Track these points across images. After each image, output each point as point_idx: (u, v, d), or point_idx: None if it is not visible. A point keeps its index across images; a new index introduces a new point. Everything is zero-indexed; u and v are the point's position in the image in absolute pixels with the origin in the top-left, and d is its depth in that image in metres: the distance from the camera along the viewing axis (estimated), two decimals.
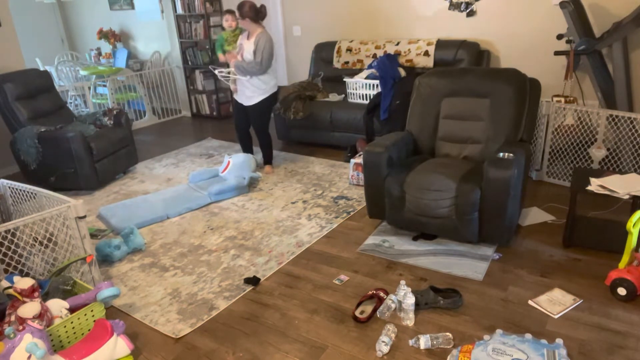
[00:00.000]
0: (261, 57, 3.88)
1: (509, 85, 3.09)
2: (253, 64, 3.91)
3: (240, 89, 4.14)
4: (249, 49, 3.94)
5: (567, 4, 3.67)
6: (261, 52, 3.87)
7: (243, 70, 3.97)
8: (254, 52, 3.90)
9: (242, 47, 4.02)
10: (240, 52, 4.03)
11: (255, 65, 3.92)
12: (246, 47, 3.97)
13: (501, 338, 2.10)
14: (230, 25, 4.12)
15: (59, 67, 6.82)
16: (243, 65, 3.95)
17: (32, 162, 4.17)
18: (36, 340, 1.92)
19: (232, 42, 4.13)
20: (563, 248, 2.88)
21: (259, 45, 3.88)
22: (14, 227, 2.38)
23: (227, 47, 4.15)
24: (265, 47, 3.87)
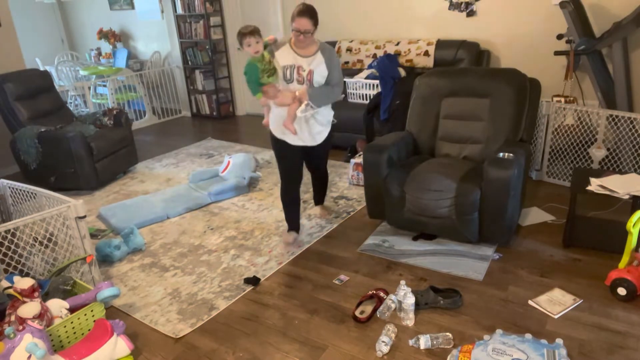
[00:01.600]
0: (340, 74, 2.87)
1: (509, 85, 3.09)
2: (336, 88, 2.86)
3: (302, 128, 2.88)
4: (319, 69, 2.78)
5: (567, 4, 3.67)
6: (337, 67, 2.85)
7: (325, 100, 2.85)
8: (330, 70, 2.81)
9: (298, 69, 2.78)
10: (293, 77, 2.78)
11: (339, 89, 2.88)
12: (312, 66, 2.77)
13: (501, 338, 2.10)
14: (257, 50, 2.71)
15: (59, 67, 6.82)
16: (324, 93, 2.82)
17: (32, 162, 4.17)
18: (36, 340, 1.92)
19: (270, 70, 2.76)
20: (563, 248, 2.88)
21: (332, 59, 2.83)
22: (14, 227, 2.38)
23: (268, 79, 2.77)
24: (338, 60, 2.89)
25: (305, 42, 2.71)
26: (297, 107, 2.77)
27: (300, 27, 2.65)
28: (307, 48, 2.77)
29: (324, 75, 2.79)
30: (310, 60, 2.77)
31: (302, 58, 2.77)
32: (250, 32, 2.65)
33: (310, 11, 2.69)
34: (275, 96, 2.78)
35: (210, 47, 6.37)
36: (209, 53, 6.42)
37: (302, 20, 2.65)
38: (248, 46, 2.67)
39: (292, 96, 2.75)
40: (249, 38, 2.66)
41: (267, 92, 2.78)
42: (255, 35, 2.66)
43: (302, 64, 2.76)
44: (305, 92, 2.75)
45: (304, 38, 2.67)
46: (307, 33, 2.66)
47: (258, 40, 2.68)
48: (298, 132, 2.86)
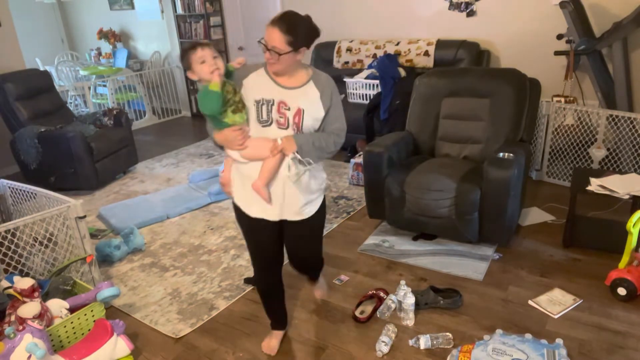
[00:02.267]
0: (343, 118, 1.97)
1: (509, 85, 3.09)
2: (335, 138, 1.94)
3: (283, 194, 1.94)
4: (312, 107, 1.88)
5: (567, 4, 3.67)
6: (339, 107, 1.96)
7: (320, 153, 1.92)
8: (327, 109, 1.92)
9: (279, 107, 1.86)
10: (272, 117, 1.87)
11: (339, 139, 1.96)
12: (302, 103, 1.87)
13: (501, 338, 2.10)
14: (217, 69, 1.81)
15: (59, 67, 6.82)
16: (319, 143, 1.90)
17: (32, 162, 4.17)
18: (36, 340, 1.92)
19: (237, 104, 1.85)
20: (563, 248, 2.88)
21: (332, 94, 1.94)
22: (14, 227, 2.38)
23: (234, 116, 1.84)
24: (339, 97, 2.00)
25: (278, 66, 1.80)
26: (276, 164, 1.84)
27: (268, 40, 1.78)
28: (293, 76, 1.88)
29: (319, 117, 1.88)
30: (298, 94, 1.86)
31: (286, 90, 1.85)
32: (203, 44, 1.83)
33: (287, 21, 1.77)
34: (242, 144, 1.83)
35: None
36: None
37: (271, 32, 1.77)
38: (201, 63, 1.77)
39: (271, 146, 1.81)
40: (202, 51, 1.78)
41: (228, 139, 1.82)
42: (210, 48, 1.82)
43: (285, 99, 1.84)
44: (292, 141, 1.82)
45: (270, 57, 1.78)
46: (275, 53, 1.76)
47: (215, 54, 1.80)
48: (275, 200, 1.91)
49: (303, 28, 1.79)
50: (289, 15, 1.80)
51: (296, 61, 1.85)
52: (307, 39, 1.81)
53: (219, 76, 1.78)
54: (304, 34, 1.79)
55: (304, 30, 1.79)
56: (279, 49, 1.76)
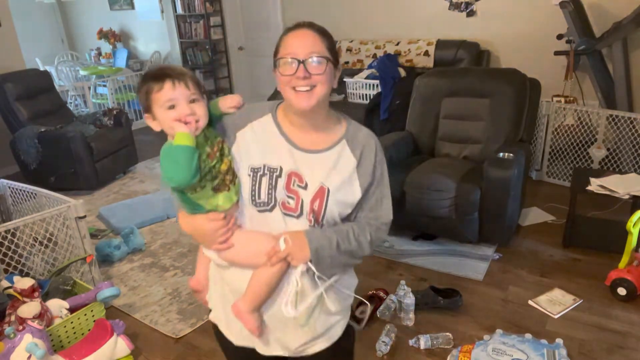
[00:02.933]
0: (389, 200, 1.28)
1: (509, 85, 3.08)
2: (370, 229, 1.25)
3: (287, 325, 1.23)
4: (345, 187, 1.20)
5: (567, 4, 3.66)
6: (384, 182, 1.27)
7: (347, 260, 1.25)
8: (366, 188, 1.22)
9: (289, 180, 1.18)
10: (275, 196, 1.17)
11: (378, 233, 1.28)
12: (326, 178, 1.18)
13: (501, 338, 2.10)
14: (193, 120, 1.11)
15: (59, 67, 6.82)
16: (346, 246, 1.20)
17: (32, 162, 4.17)
18: (36, 340, 1.92)
19: (220, 171, 1.14)
20: (563, 248, 2.88)
21: (378, 165, 1.25)
22: (14, 227, 2.38)
23: (214, 195, 1.14)
24: (385, 168, 1.27)
25: (314, 98, 1.14)
26: (275, 278, 1.17)
27: (300, 48, 1.13)
28: (320, 129, 1.22)
29: (351, 201, 1.22)
30: (322, 163, 1.20)
31: (304, 154, 1.20)
32: (176, 75, 1.11)
33: (315, 24, 1.21)
34: (225, 243, 1.17)
35: (210, 47, 6.37)
36: (209, 53, 6.41)
37: (303, 36, 1.16)
38: (169, 108, 1.11)
39: (269, 250, 1.14)
40: (173, 89, 1.10)
41: (203, 232, 1.17)
42: (188, 84, 1.11)
43: (301, 169, 1.18)
44: (305, 242, 1.14)
45: (303, 80, 1.12)
46: (315, 62, 1.13)
47: (194, 95, 1.12)
48: (269, 331, 1.25)
49: (333, 38, 1.23)
50: (312, 22, 1.21)
51: (328, 96, 1.20)
52: (335, 48, 1.23)
53: (194, 129, 1.10)
54: (333, 42, 1.23)
55: (332, 38, 1.23)
56: (324, 55, 1.14)
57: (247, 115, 1.24)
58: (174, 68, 1.15)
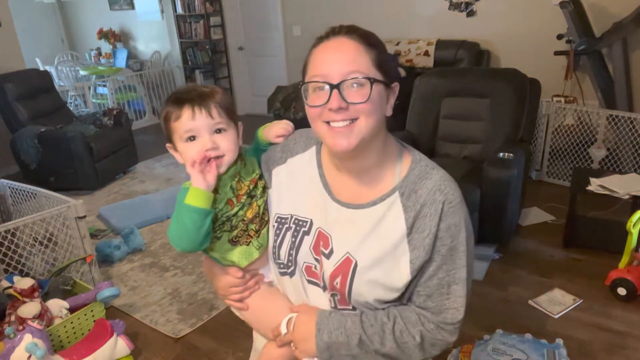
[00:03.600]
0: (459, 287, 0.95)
1: (509, 85, 3.08)
2: (421, 326, 0.90)
3: None
4: (377, 260, 0.88)
5: (567, 4, 3.66)
6: (459, 264, 0.92)
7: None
8: (422, 265, 0.88)
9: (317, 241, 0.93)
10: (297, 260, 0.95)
11: (434, 335, 0.91)
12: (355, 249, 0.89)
13: (501, 338, 2.10)
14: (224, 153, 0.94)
15: (59, 67, 6.82)
16: (382, 340, 0.88)
17: (32, 162, 4.17)
18: (36, 340, 1.92)
19: (250, 225, 0.98)
20: (563, 248, 2.87)
21: (442, 235, 0.88)
22: (14, 227, 2.38)
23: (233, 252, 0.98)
24: (463, 238, 0.90)
25: (357, 136, 0.85)
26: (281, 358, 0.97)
27: (333, 67, 0.84)
28: (373, 174, 0.93)
29: (397, 285, 0.90)
30: (359, 221, 0.91)
31: (340, 207, 0.94)
32: (199, 99, 0.93)
33: (361, 30, 0.89)
34: (240, 302, 1.02)
35: (210, 47, 6.37)
36: (209, 53, 6.41)
37: (340, 46, 0.86)
38: (188, 139, 0.95)
39: (275, 329, 0.97)
40: (193, 119, 0.93)
41: (217, 281, 1.03)
42: (207, 108, 0.93)
43: (332, 226, 0.93)
44: (312, 330, 0.91)
45: (338, 113, 0.84)
46: (354, 87, 0.83)
47: (219, 124, 0.95)
48: None
49: (383, 46, 0.91)
50: (354, 26, 0.90)
51: (382, 129, 0.91)
52: (394, 68, 1.04)
53: (212, 175, 0.92)
54: (389, 57, 0.95)
55: (385, 49, 0.91)
56: (364, 73, 0.84)
57: (288, 148, 1.00)
58: (199, 90, 0.95)
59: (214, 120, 0.93)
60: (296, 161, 0.99)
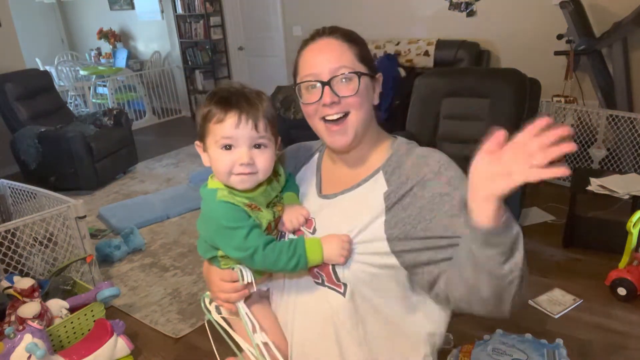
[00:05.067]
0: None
1: (509, 85, 3.08)
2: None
3: None
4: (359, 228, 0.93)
5: (567, 4, 3.66)
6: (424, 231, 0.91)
7: None
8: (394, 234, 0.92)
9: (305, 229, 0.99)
10: None
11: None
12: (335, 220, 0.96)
13: (501, 338, 2.10)
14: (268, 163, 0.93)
15: (59, 67, 6.82)
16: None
17: (32, 162, 4.17)
18: (36, 340, 1.92)
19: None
20: (563, 248, 2.87)
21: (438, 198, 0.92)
22: (14, 227, 2.38)
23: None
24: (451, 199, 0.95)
25: (351, 130, 0.95)
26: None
27: (322, 65, 0.93)
28: (366, 159, 1.02)
29: (377, 250, 0.93)
30: (346, 203, 0.99)
31: (323, 200, 1.02)
32: (248, 107, 0.90)
33: (342, 30, 1.00)
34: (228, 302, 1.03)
35: (210, 47, 6.37)
36: (209, 53, 6.41)
37: (326, 46, 0.96)
38: (223, 147, 0.91)
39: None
40: (237, 126, 0.89)
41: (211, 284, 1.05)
42: (254, 119, 0.90)
43: (320, 215, 1.01)
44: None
45: (330, 107, 0.92)
46: (343, 81, 0.93)
47: (261, 139, 0.92)
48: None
49: (364, 41, 1.02)
50: (336, 26, 0.99)
51: (372, 119, 1.00)
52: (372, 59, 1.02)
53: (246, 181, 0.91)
54: (369, 51, 1.02)
55: (365, 44, 1.02)
56: (351, 68, 0.93)
57: (293, 165, 1.11)
58: (248, 94, 0.90)
59: (258, 134, 0.90)
60: (300, 174, 1.08)
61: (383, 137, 1.03)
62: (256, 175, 0.91)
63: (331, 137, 0.94)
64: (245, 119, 0.88)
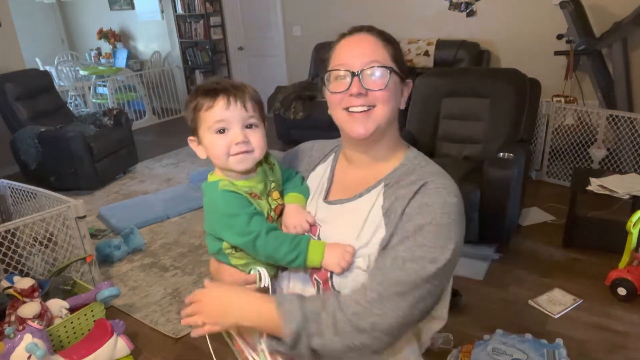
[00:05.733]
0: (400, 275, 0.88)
1: (509, 85, 3.08)
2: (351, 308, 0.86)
3: None
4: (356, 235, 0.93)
5: (567, 4, 3.66)
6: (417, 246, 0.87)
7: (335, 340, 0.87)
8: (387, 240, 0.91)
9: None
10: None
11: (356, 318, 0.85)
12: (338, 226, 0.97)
13: (501, 338, 2.10)
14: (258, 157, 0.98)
15: (59, 67, 6.82)
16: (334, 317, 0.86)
17: (32, 162, 4.17)
18: (36, 340, 1.92)
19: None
20: (563, 248, 2.87)
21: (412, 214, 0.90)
22: (14, 227, 2.38)
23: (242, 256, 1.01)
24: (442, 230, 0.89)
25: (373, 122, 0.93)
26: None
27: (355, 58, 0.93)
28: (372, 162, 1.00)
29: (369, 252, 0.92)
30: (349, 212, 0.98)
31: (329, 206, 1.02)
32: (234, 90, 0.94)
33: (379, 30, 1.01)
34: None
35: (210, 47, 6.37)
36: (209, 53, 6.41)
37: (360, 41, 0.96)
38: (218, 131, 0.94)
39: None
40: (227, 108, 0.93)
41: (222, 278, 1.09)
42: (242, 100, 0.94)
43: (322, 222, 1.01)
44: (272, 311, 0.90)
45: (357, 99, 0.92)
46: (375, 75, 0.92)
47: (252, 119, 0.96)
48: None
49: (399, 44, 1.02)
50: (373, 26, 1.00)
51: (395, 121, 0.98)
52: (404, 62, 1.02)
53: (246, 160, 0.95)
54: (401, 52, 1.01)
55: (400, 47, 1.02)
56: (382, 63, 0.93)
57: (311, 161, 1.11)
58: (232, 82, 0.96)
59: (248, 114, 0.94)
60: (314, 174, 1.08)
61: (399, 146, 1.01)
62: (252, 154, 0.95)
63: (351, 123, 0.93)
64: (234, 101, 0.92)
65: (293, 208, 1.01)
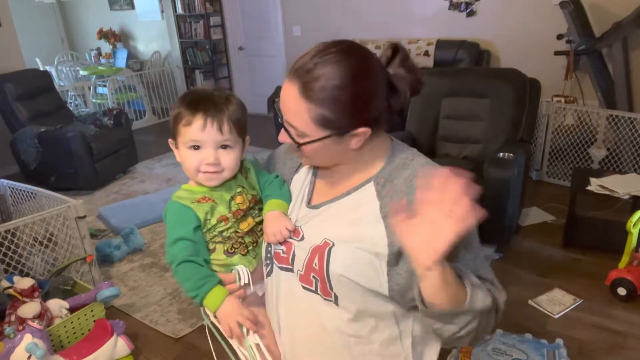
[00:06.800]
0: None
1: (509, 85, 3.08)
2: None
3: None
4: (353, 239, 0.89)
5: (567, 4, 3.66)
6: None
7: None
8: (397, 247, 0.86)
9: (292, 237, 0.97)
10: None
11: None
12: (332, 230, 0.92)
13: (501, 338, 2.10)
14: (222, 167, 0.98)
15: (59, 67, 6.82)
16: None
17: (32, 162, 4.17)
18: (36, 340, 1.92)
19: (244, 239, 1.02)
20: (563, 248, 2.88)
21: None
22: (14, 227, 2.38)
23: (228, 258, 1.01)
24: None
25: (306, 160, 0.97)
26: None
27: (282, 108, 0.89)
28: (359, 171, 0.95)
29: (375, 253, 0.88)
30: (333, 212, 0.95)
31: (310, 210, 0.99)
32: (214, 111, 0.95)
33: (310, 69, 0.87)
34: None
35: (210, 47, 6.37)
36: (209, 53, 6.41)
37: (284, 92, 0.88)
38: (191, 147, 0.98)
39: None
40: (203, 130, 0.94)
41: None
42: (219, 122, 0.95)
43: (306, 223, 0.98)
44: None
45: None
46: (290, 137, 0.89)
47: (227, 141, 0.97)
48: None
49: (358, 82, 0.83)
50: (325, 52, 0.87)
51: (351, 150, 0.90)
52: (367, 104, 0.85)
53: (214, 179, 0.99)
54: (355, 95, 0.83)
55: (358, 86, 0.83)
56: (297, 131, 0.87)
57: (293, 164, 1.08)
58: (216, 100, 0.95)
59: (223, 137, 0.96)
60: (297, 177, 1.06)
61: (377, 150, 0.94)
62: (222, 173, 0.98)
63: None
64: (210, 122, 0.94)
65: (272, 215, 1.00)
